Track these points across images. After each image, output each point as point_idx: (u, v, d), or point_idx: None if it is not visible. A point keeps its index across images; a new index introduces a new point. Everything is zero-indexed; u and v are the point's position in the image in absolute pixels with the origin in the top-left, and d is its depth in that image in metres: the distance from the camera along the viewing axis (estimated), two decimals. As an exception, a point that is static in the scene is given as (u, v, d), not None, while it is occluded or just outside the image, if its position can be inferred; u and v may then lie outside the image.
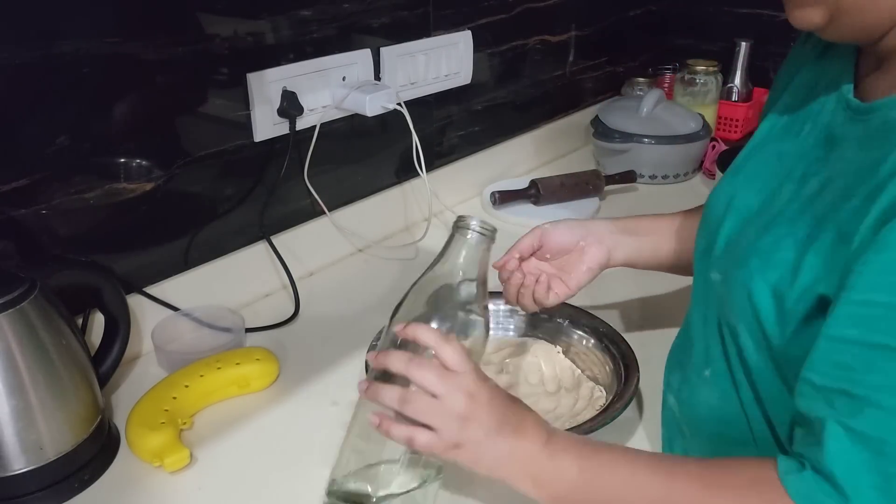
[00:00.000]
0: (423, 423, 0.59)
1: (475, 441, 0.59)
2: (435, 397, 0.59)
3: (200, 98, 0.97)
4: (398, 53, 1.16)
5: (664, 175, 1.48)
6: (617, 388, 0.81)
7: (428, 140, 1.30)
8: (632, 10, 1.73)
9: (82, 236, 0.89)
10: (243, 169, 1.04)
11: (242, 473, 0.77)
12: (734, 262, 0.63)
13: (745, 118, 1.65)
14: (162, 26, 0.89)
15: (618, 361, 0.85)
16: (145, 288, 0.95)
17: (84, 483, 0.75)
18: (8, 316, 0.69)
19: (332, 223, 1.16)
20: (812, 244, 0.56)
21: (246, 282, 1.06)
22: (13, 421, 0.70)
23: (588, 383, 0.87)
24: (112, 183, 0.90)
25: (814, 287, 0.55)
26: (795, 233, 0.57)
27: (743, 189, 0.68)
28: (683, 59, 1.69)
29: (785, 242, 0.58)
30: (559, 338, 0.92)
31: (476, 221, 0.68)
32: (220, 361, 0.88)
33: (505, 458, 0.60)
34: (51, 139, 0.83)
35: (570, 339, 0.91)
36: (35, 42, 0.79)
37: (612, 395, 0.82)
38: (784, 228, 0.59)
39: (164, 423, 0.79)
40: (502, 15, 1.35)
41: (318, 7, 1.05)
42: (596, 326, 0.90)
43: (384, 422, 0.61)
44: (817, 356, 0.52)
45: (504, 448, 0.60)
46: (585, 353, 0.89)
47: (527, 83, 1.49)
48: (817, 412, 0.52)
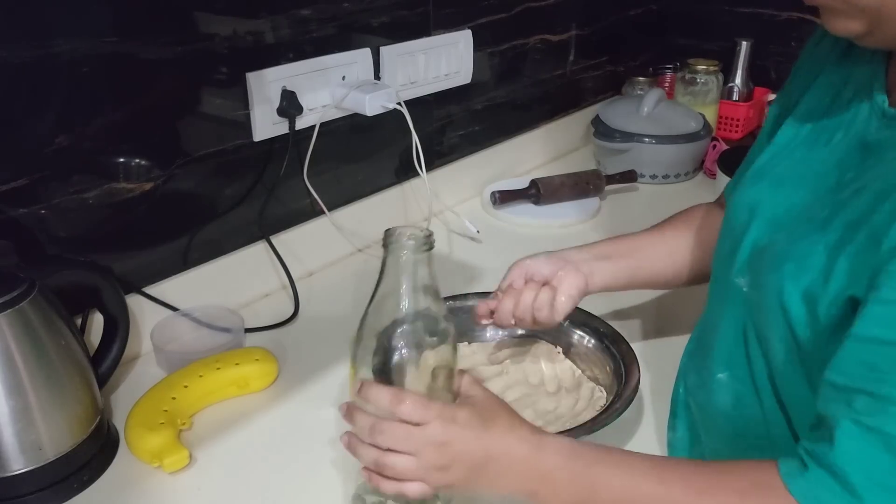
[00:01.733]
0: (408, 478, 0.60)
1: (463, 479, 0.60)
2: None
3: (200, 97, 0.96)
4: (398, 53, 1.16)
5: (665, 175, 1.48)
6: (617, 389, 0.81)
7: (428, 140, 1.30)
8: (632, 10, 1.72)
9: (81, 236, 0.89)
10: (243, 168, 1.04)
11: (242, 474, 0.77)
12: (765, 267, 0.63)
13: (746, 118, 1.65)
14: (161, 26, 0.89)
15: (618, 361, 0.85)
16: (144, 288, 0.95)
17: (83, 483, 0.75)
18: (7, 316, 0.69)
19: (332, 223, 1.16)
20: (844, 248, 0.55)
21: (245, 282, 1.06)
22: (12, 421, 0.70)
23: (588, 384, 0.87)
24: (111, 183, 0.89)
25: (845, 291, 0.54)
26: (827, 238, 0.57)
27: (769, 195, 0.67)
28: (684, 59, 1.69)
29: (817, 248, 0.58)
30: (560, 338, 0.92)
31: (407, 234, 0.62)
32: (220, 362, 0.88)
33: (499, 480, 0.60)
34: (50, 139, 0.83)
35: (570, 339, 0.91)
36: (35, 42, 0.79)
37: (612, 395, 0.81)
38: (817, 235, 0.59)
39: (163, 424, 0.79)
40: (502, 14, 1.35)
41: (317, 6, 1.04)
42: (596, 327, 0.90)
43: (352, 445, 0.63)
44: (842, 356, 0.52)
45: (494, 471, 0.60)
46: (586, 354, 0.90)
47: (527, 83, 1.49)
48: (833, 412, 0.52)
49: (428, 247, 0.61)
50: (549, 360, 0.90)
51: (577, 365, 0.90)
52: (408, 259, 0.61)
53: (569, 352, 0.91)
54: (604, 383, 0.86)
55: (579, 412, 0.83)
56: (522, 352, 0.92)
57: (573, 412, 0.83)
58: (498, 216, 1.34)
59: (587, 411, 0.82)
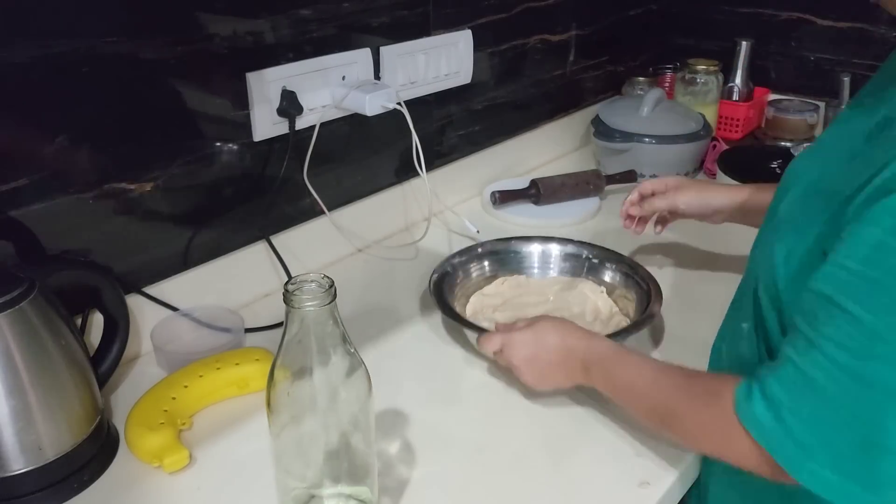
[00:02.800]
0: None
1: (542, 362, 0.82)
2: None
3: (200, 97, 0.96)
4: (398, 53, 1.16)
5: (665, 175, 1.48)
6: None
7: (428, 140, 1.30)
8: (632, 10, 1.72)
9: (81, 236, 0.89)
10: (243, 169, 1.04)
11: (242, 474, 0.77)
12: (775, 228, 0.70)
13: (746, 118, 1.65)
14: (162, 26, 0.89)
15: (647, 297, 0.98)
16: (144, 288, 0.95)
17: (83, 483, 0.75)
18: (7, 316, 0.69)
19: (332, 223, 1.16)
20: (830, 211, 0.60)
21: (245, 282, 1.06)
22: (12, 421, 0.70)
23: (622, 317, 1.00)
24: (111, 183, 0.89)
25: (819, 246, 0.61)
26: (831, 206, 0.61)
27: (808, 162, 0.73)
28: (684, 59, 1.69)
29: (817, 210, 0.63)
30: (603, 280, 1.07)
31: (306, 290, 0.60)
32: (220, 362, 0.88)
33: (560, 363, 0.81)
34: (51, 139, 0.83)
35: (614, 282, 1.06)
36: (35, 42, 0.79)
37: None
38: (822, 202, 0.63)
39: (163, 424, 0.79)
40: (502, 14, 1.35)
41: (317, 6, 1.04)
42: (636, 269, 1.04)
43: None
44: (801, 302, 0.60)
45: (557, 358, 0.81)
46: (625, 296, 1.03)
47: (527, 83, 1.49)
48: (785, 349, 0.61)
49: (331, 294, 0.60)
50: (592, 297, 1.04)
51: (616, 305, 1.03)
52: (310, 313, 0.60)
53: (612, 292, 1.05)
54: (633, 318, 0.98)
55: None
56: (570, 285, 1.07)
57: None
58: (498, 216, 1.34)
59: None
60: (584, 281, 1.07)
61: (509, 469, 0.77)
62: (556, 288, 1.06)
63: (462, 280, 1.05)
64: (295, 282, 0.61)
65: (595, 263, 1.07)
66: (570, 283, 1.07)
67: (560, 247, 1.10)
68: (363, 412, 0.65)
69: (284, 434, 0.64)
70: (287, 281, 0.61)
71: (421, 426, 0.83)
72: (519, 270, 1.09)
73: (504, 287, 1.07)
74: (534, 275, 1.09)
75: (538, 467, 0.78)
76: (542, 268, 1.10)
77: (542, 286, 1.07)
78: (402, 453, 0.79)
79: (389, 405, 0.86)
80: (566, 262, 1.10)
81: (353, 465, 0.67)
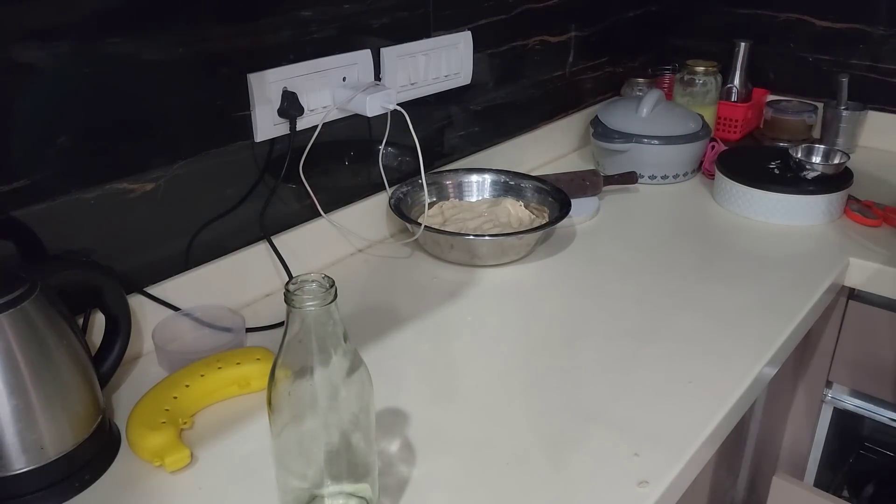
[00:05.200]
0: None
1: None
2: None
3: (201, 98, 0.97)
4: (398, 54, 1.17)
5: (664, 175, 1.48)
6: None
7: (428, 140, 1.30)
8: (631, 11, 1.73)
9: (83, 236, 0.89)
10: (244, 169, 1.04)
11: (243, 473, 0.77)
12: None
13: (745, 118, 1.66)
14: (163, 26, 0.89)
15: (560, 205, 1.23)
16: (146, 288, 0.96)
17: (85, 483, 0.75)
18: (9, 316, 0.69)
19: (333, 223, 1.16)
20: None
21: (246, 282, 1.07)
22: (14, 421, 0.70)
23: (540, 221, 1.24)
24: (112, 183, 0.90)
25: None
26: None
27: None
28: (683, 60, 1.69)
29: None
30: (523, 196, 1.31)
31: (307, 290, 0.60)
32: (221, 361, 0.88)
33: None
34: (51, 139, 0.83)
35: (528, 196, 1.30)
36: (35, 42, 0.79)
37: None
38: None
39: (164, 423, 0.79)
40: (502, 15, 1.36)
41: (318, 8, 1.05)
42: (545, 184, 1.29)
43: None
44: None
45: None
46: (539, 206, 1.28)
47: (527, 83, 1.49)
48: None
49: (331, 292, 0.60)
50: (514, 209, 1.28)
51: (532, 213, 1.27)
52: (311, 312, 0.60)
53: (528, 205, 1.29)
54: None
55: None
56: (495, 203, 1.30)
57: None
58: (497, 216, 1.35)
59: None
60: (506, 198, 1.30)
61: (509, 468, 0.78)
62: (485, 206, 1.29)
63: (411, 205, 1.24)
64: (296, 282, 0.61)
65: (512, 185, 1.32)
66: (495, 202, 1.30)
67: (483, 175, 1.34)
68: (364, 411, 0.65)
69: (285, 433, 0.64)
70: (288, 281, 0.62)
71: (421, 425, 0.83)
72: (456, 196, 1.33)
73: (444, 209, 1.28)
74: (471, 198, 1.33)
75: (538, 467, 0.78)
76: (471, 193, 1.33)
77: (473, 206, 1.30)
78: (402, 452, 0.79)
79: (390, 404, 0.86)
80: (492, 188, 1.33)
81: (354, 464, 0.67)
